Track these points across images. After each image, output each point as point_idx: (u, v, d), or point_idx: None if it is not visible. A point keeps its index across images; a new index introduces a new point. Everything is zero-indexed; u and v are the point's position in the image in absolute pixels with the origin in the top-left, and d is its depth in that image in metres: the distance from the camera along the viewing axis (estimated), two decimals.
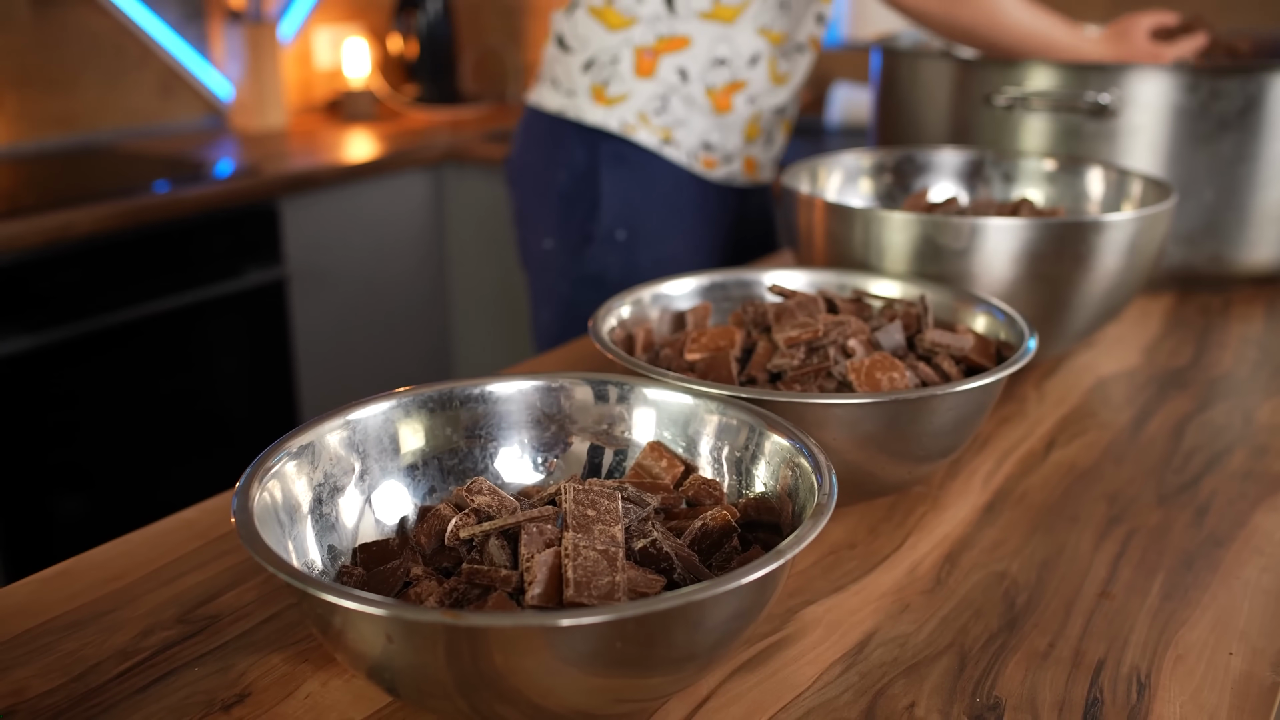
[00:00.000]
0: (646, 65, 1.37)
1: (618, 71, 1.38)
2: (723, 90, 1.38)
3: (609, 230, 1.42)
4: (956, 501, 0.80)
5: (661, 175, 1.42)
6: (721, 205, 1.48)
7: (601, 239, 1.42)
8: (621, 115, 1.39)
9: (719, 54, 1.37)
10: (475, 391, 0.68)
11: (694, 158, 1.42)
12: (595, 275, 1.43)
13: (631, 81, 1.38)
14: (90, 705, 0.57)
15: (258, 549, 0.51)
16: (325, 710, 0.57)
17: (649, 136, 1.40)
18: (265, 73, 2.60)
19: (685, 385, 0.68)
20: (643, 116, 1.39)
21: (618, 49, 1.38)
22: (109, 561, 0.70)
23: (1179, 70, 1.20)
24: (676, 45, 1.37)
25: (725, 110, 1.40)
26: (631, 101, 1.39)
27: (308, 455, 0.61)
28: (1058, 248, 0.93)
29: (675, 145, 1.41)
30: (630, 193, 1.42)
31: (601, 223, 1.42)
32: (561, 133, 1.43)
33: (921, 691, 0.59)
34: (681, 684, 0.53)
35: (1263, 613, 0.67)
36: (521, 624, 0.46)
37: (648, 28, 1.36)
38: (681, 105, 1.39)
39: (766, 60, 1.39)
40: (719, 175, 1.45)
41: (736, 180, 1.48)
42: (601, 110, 1.40)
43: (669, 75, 1.37)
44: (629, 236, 1.42)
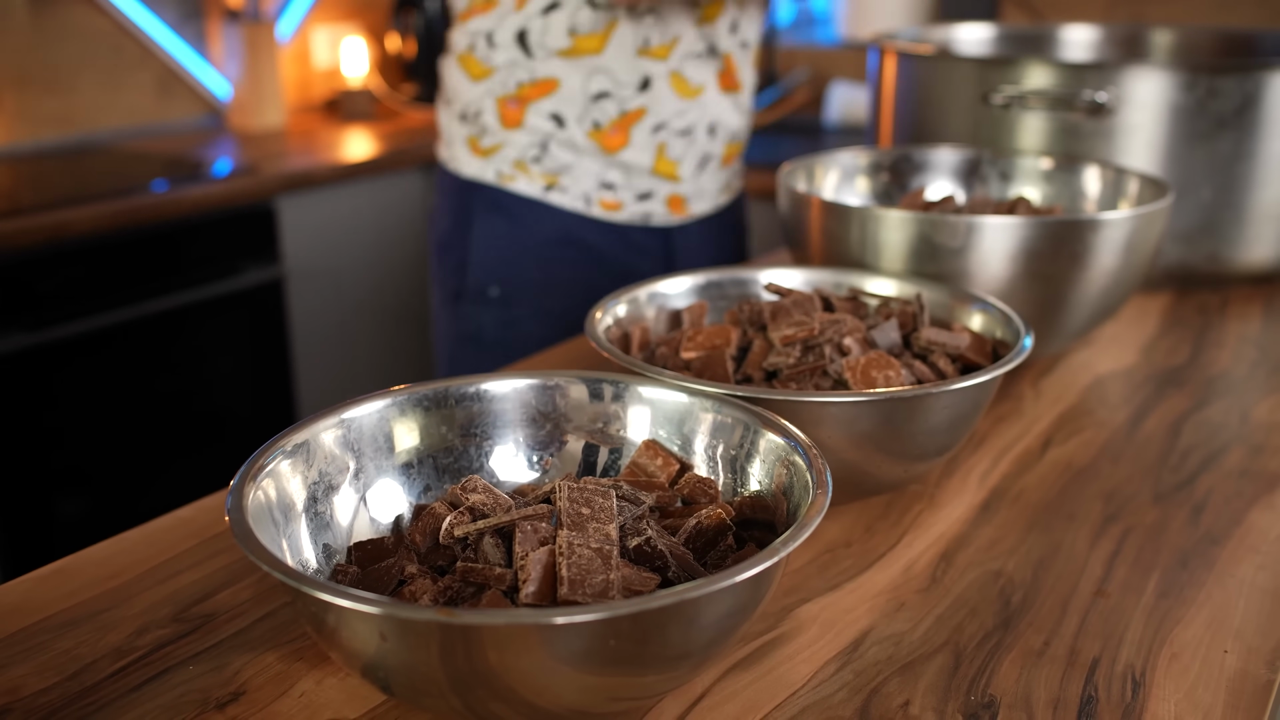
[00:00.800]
0: (512, 116, 1.26)
1: (485, 125, 1.28)
2: (613, 126, 1.26)
3: (480, 287, 1.31)
4: (952, 500, 0.80)
5: (545, 225, 1.29)
6: (635, 248, 1.33)
7: (473, 296, 1.31)
8: (497, 166, 1.29)
9: (595, 89, 1.25)
10: (470, 390, 0.68)
11: (588, 202, 1.30)
12: (471, 335, 1.33)
13: (501, 133, 1.28)
14: (85, 704, 0.57)
15: (251, 547, 0.51)
16: (320, 709, 0.57)
17: (529, 185, 1.28)
18: (263, 72, 2.60)
19: (680, 384, 0.68)
20: (520, 165, 1.28)
21: (480, 101, 1.28)
22: (105, 560, 0.70)
23: (1176, 69, 1.20)
24: (543, 90, 1.25)
25: (619, 148, 1.27)
26: (507, 151, 1.28)
27: (302, 453, 0.61)
28: (1054, 246, 0.93)
29: (562, 190, 1.29)
30: (504, 247, 1.30)
31: (470, 278, 1.31)
32: (447, 183, 1.35)
33: (916, 690, 0.59)
34: (676, 682, 0.53)
35: (1258, 611, 0.67)
36: (515, 622, 0.46)
37: (507, 75, 1.26)
38: (563, 151, 1.27)
39: (664, 77, 1.26)
40: (626, 217, 1.32)
41: (655, 219, 1.33)
42: (478, 162, 1.30)
43: (540, 123, 1.26)
44: (503, 293, 1.31)
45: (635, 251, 1.33)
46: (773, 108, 2.76)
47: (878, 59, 1.47)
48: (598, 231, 1.31)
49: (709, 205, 1.38)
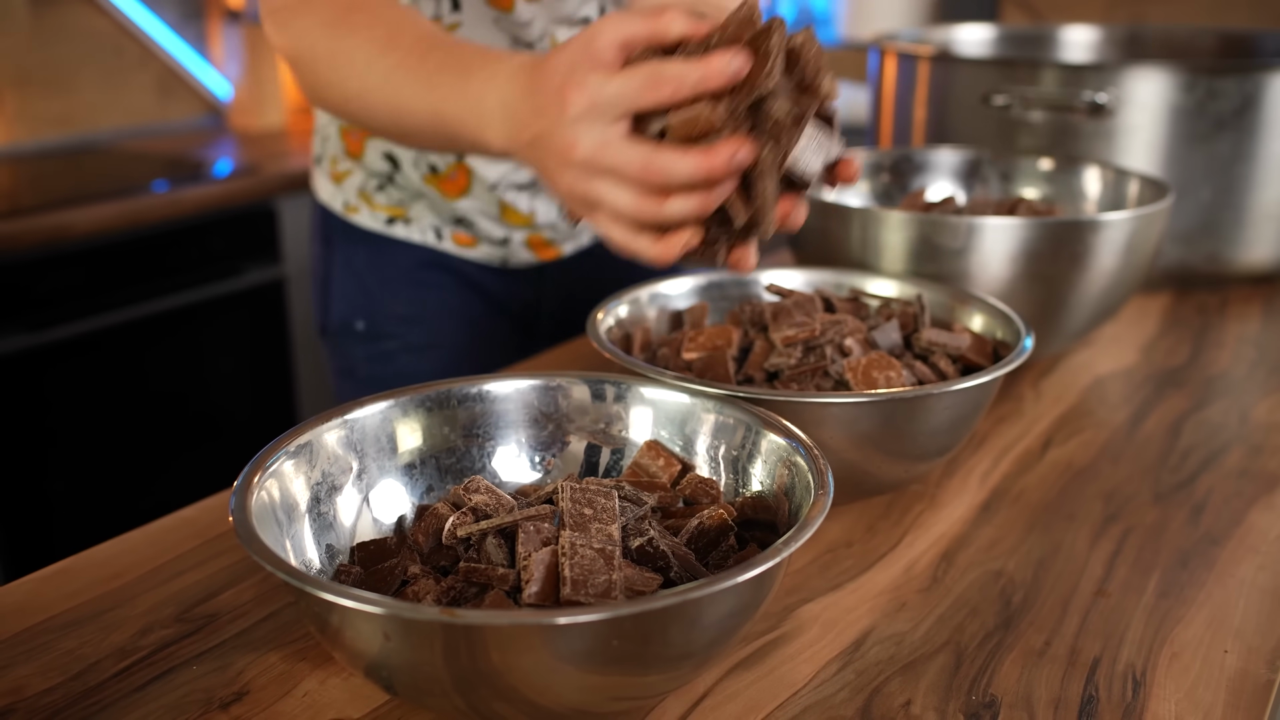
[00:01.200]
0: (354, 146, 1.14)
1: (334, 149, 1.17)
2: (451, 171, 1.11)
3: (346, 321, 1.20)
4: (953, 500, 0.80)
5: (400, 257, 1.17)
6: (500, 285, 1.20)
7: (339, 331, 1.21)
8: (345, 195, 1.17)
9: None
10: (473, 391, 0.68)
11: (440, 236, 1.16)
12: (346, 369, 1.22)
13: (348, 161, 1.16)
14: (88, 704, 0.57)
15: (255, 548, 0.51)
16: (323, 708, 0.57)
17: (370, 219, 1.16)
18: (264, 72, 2.60)
19: (682, 384, 0.68)
20: (364, 196, 1.16)
21: (327, 127, 1.17)
22: (108, 560, 0.70)
23: (1176, 69, 1.20)
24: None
25: (459, 195, 1.12)
26: (353, 180, 1.16)
27: (305, 454, 0.61)
28: (1054, 247, 0.93)
29: (407, 223, 1.16)
30: (364, 277, 1.18)
31: (333, 313, 1.21)
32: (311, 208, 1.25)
33: (918, 689, 0.60)
34: (678, 682, 0.54)
35: (1258, 610, 0.67)
36: (518, 622, 0.46)
37: None
38: (406, 185, 1.14)
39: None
40: (482, 256, 1.17)
41: (517, 260, 1.19)
42: (330, 188, 1.18)
43: (378, 163, 1.13)
44: (369, 326, 1.19)
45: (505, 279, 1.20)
46: None
47: (878, 60, 1.47)
48: (456, 265, 1.18)
49: (590, 238, 1.22)
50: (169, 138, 2.54)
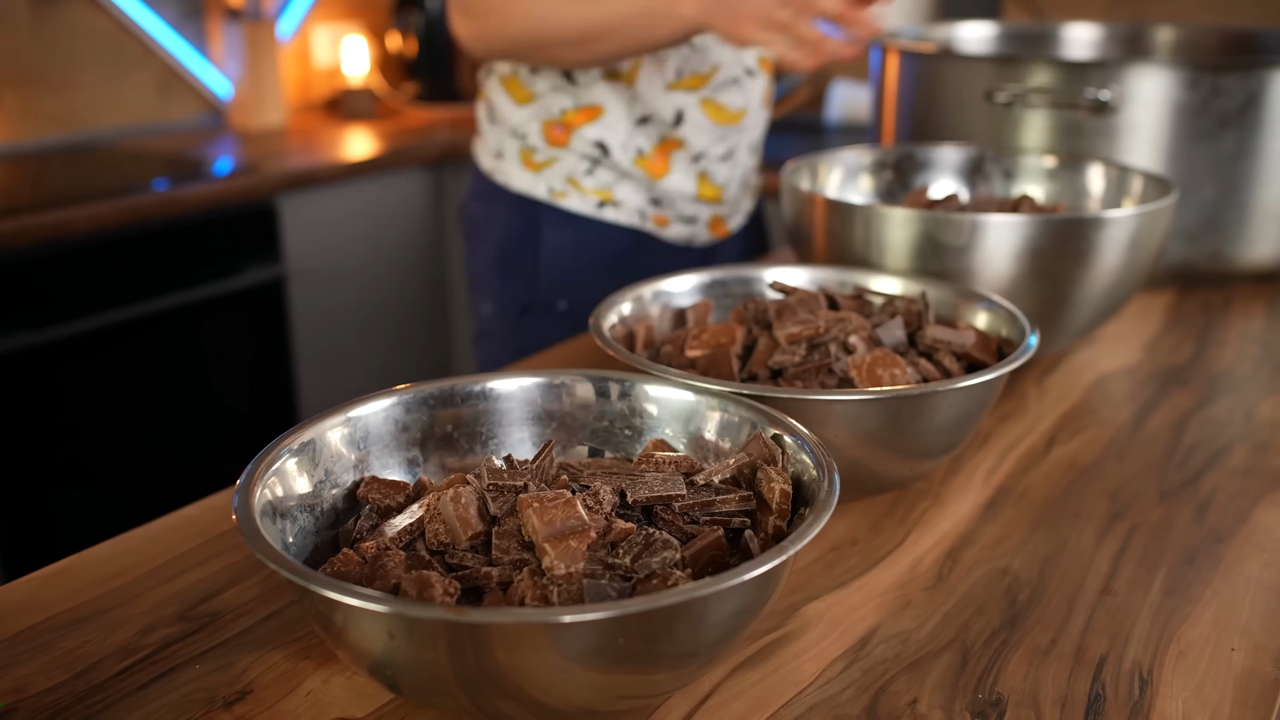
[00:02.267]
0: (558, 139, 1.26)
1: (532, 143, 1.28)
2: (655, 152, 1.26)
3: (549, 300, 1.31)
4: (958, 498, 0.80)
5: (605, 238, 1.30)
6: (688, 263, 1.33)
7: (540, 309, 1.31)
8: (549, 182, 1.28)
9: (638, 113, 1.25)
10: (476, 389, 0.68)
11: (643, 217, 1.30)
12: (535, 349, 1.29)
13: (550, 151, 1.27)
14: (91, 702, 0.56)
15: (259, 545, 0.51)
16: (326, 707, 0.57)
17: (582, 202, 1.28)
18: (264, 71, 2.59)
19: (686, 382, 0.68)
20: (572, 181, 1.28)
21: (526, 125, 1.28)
22: (110, 559, 0.70)
23: (1180, 67, 1.20)
24: (588, 116, 1.25)
25: (662, 174, 1.27)
26: (559, 166, 1.27)
27: (308, 452, 0.61)
28: (1058, 244, 0.93)
29: (616, 206, 1.29)
30: (571, 259, 1.30)
31: (539, 293, 1.30)
32: (497, 193, 1.32)
33: (924, 688, 0.59)
34: (684, 680, 0.53)
35: (1264, 608, 0.67)
36: (524, 620, 0.46)
37: (551, 101, 1.26)
38: (610, 174, 1.27)
39: (696, 109, 1.26)
40: (675, 235, 1.33)
41: (699, 240, 1.35)
42: (529, 176, 1.29)
43: (586, 149, 1.26)
44: (571, 306, 1.30)
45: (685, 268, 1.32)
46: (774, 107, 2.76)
47: (880, 58, 1.47)
48: (652, 246, 1.32)
49: (742, 219, 1.41)
50: (169, 136, 2.53)
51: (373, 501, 0.62)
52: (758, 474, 0.61)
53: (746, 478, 0.62)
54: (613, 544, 0.55)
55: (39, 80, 2.35)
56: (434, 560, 0.56)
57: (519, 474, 0.59)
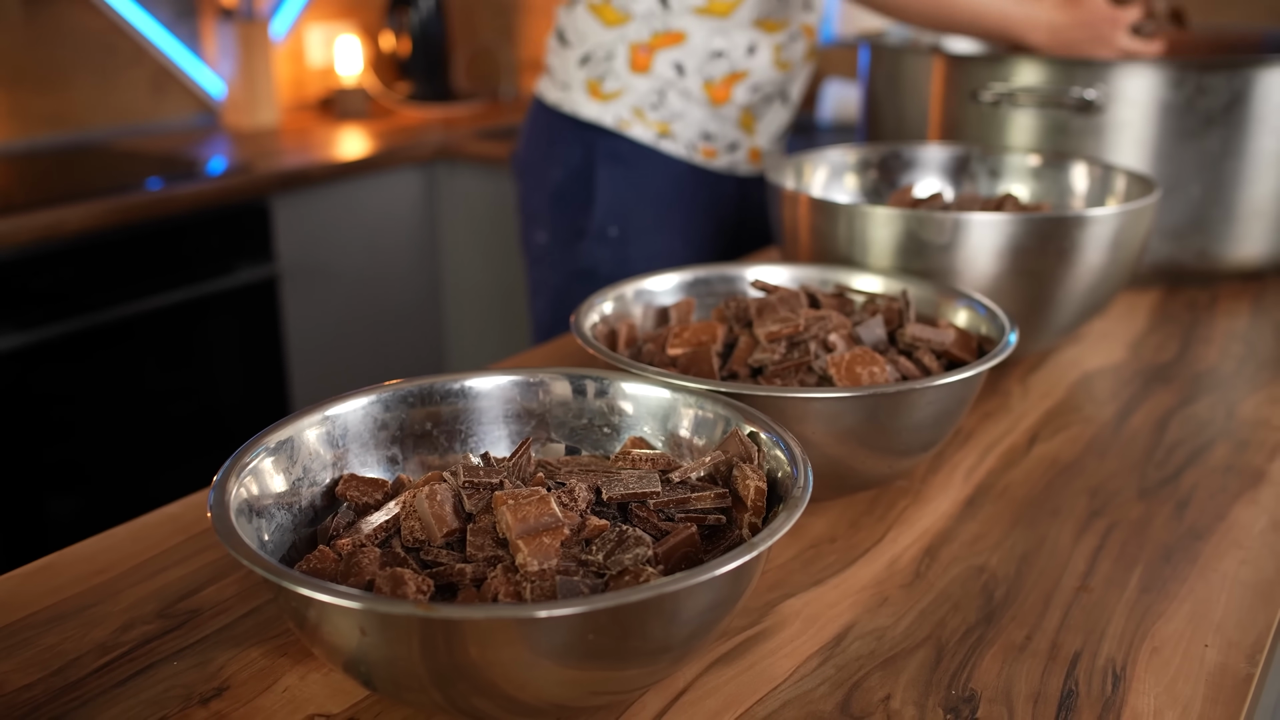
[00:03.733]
0: (642, 61, 1.39)
1: (613, 68, 1.40)
2: (721, 82, 1.41)
3: (602, 227, 1.44)
4: (938, 495, 0.80)
5: (658, 170, 1.44)
6: (722, 195, 1.49)
7: (594, 235, 1.44)
8: (617, 111, 1.41)
9: (715, 47, 1.39)
10: (455, 387, 0.68)
11: (693, 149, 1.44)
12: (587, 270, 1.45)
13: (627, 77, 1.40)
14: (68, 699, 0.57)
15: (233, 543, 0.51)
16: (303, 703, 0.57)
17: (644, 131, 1.42)
18: (257, 70, 2.60)
19: (664, 379, 0.68)
20: (638, 111, 1.41)
21: (613, 45, 1.40)
22: (92, 556, 0.70)
23: (1165, 66, 1.20)
24: (672, 40, 1.39)
25: (722, 101, 1.42)
26: (627, 97, 1.41)
27: (286, 450, 0.61)
28: (1041, 243, 0.93)
29: (673, 139, 1.43)
30: (624, 190, 1.44)
31: (595, 219, 1.44)
32: (559, 127, 1.45)
33: (898, 684, 0.60)
34: (657, 676, 0.54)
35: (1239, 605, 0.67)
36: (494, 616, 0.46)
37: (643, 24, 1.38)
38: (678, 99, 1.41)
39: (767, 48, 1.41)
40: (721, 164, 1.47)
41: (740, 169, 1.50)
42: (597, 105, 1.42)
43: (665, 70, 1.39)
44: (621, 233, 1.44)
45: (719, 200, 1.50)
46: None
47: (868, 56, 1.47)
48: (698, 178, 1.46)
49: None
50: (162, 136, 2.53)
51: (351, 499, 0.62)
52: (733, 471, 0.61)
53: (722, 475, 0.62)
54: (586, 541, 0.55)
55: (32, 80, 2.35)
56: (409, 557, 0.56)
57: (495, 471, 0.59)
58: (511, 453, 0.63)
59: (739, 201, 1.53)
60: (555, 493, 0.57)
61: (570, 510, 0.56)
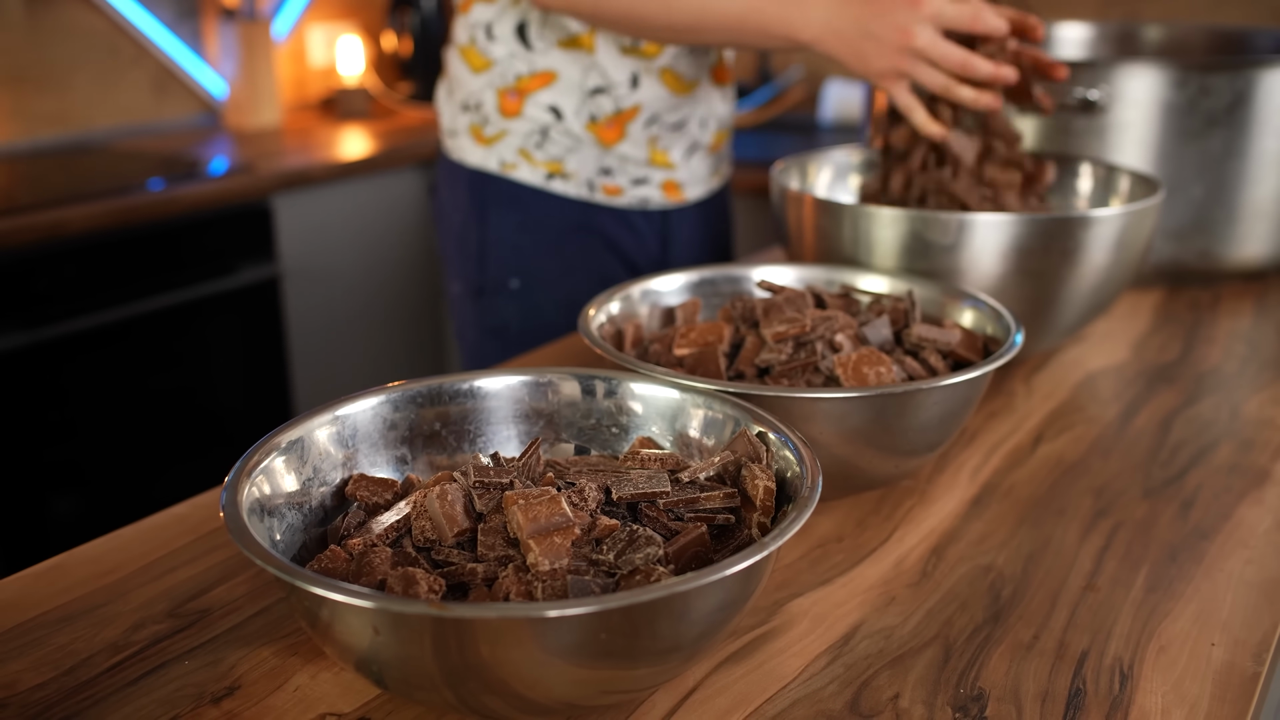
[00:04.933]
0: (511, 106, 1.26)
1: (485, 115, 1.28)
2: (608, 121, 1.26)
3: (501, 280, 1.32)
4: (944, 495, 0.81)
5: (553, 213, 1.30)
6: (635, 233, 1.34)
7: (494, 290, 1.32)
8: (500, 154, 1.29)
9: (591, 84, 1.24)
10: (464, 387, 0.69)
11: (592, 188, 1.30)
12: (497, 327, 1.33)
13: (501, 123, 1.28)
14: (81, 698, 0.57)
15: (246, 543, 0.51)
16: (314, 702, 0.57)
17: (532, 173, 1.28)
18: (259, 71, 2.60)
19: (672, 380, 0.69)
20: (523, 153, 1.28)
21: (481, 92, 1.28)
22: (101, 556, 0.70)
23: (1168, 66, 1.20)
24: (541, 81, 1.25)
25: (615, 141, 1.27)
26: (510, 139, 1.28)
27: (296, 450, 0.61)
28: (1045, 243, 0.94)
29: (565, 178, 1.29)
30: (519, 237, 1.30)
31: (492, 272, 1.32)
32: (453, 174, 1.34)
33: (906, 683, 0.60)
34: (667, 675, 0.54)
35: (1245, 604, 0.67)
36: (507, 615, 0.46)
37: (505, 68, 1.25)
38: (564, 138, 1.27)
39: (652, 75, 1.25)
40: (628, 201, 1.32)
41: (654, 203, 1.33)
42: (481, 150, 1.30)
43: (539, 114, 1.26)
44: (523, 284, 1.31)
45: (637, 235, 1.35)
46: (767, 106, 2.76)
47: None
48: (603, 216, 1.32)
49: (702, 190, 1.38)
50: (164, 136, 2.53)
51: (361, 499, 0.62)
52: (742, 471, 0.62)
53: (731, 475, 0.62)
54: (597, 540, 0.56)
55: (34, 80, 2.35)
56: (420, 557, 0.56)
57: (505, 471, 0.59)
58: (521, 453, 0.64)
59: (662, 237, 1.36)
60: (565, 492, 0.57)
61: (581, 510, 0.57)
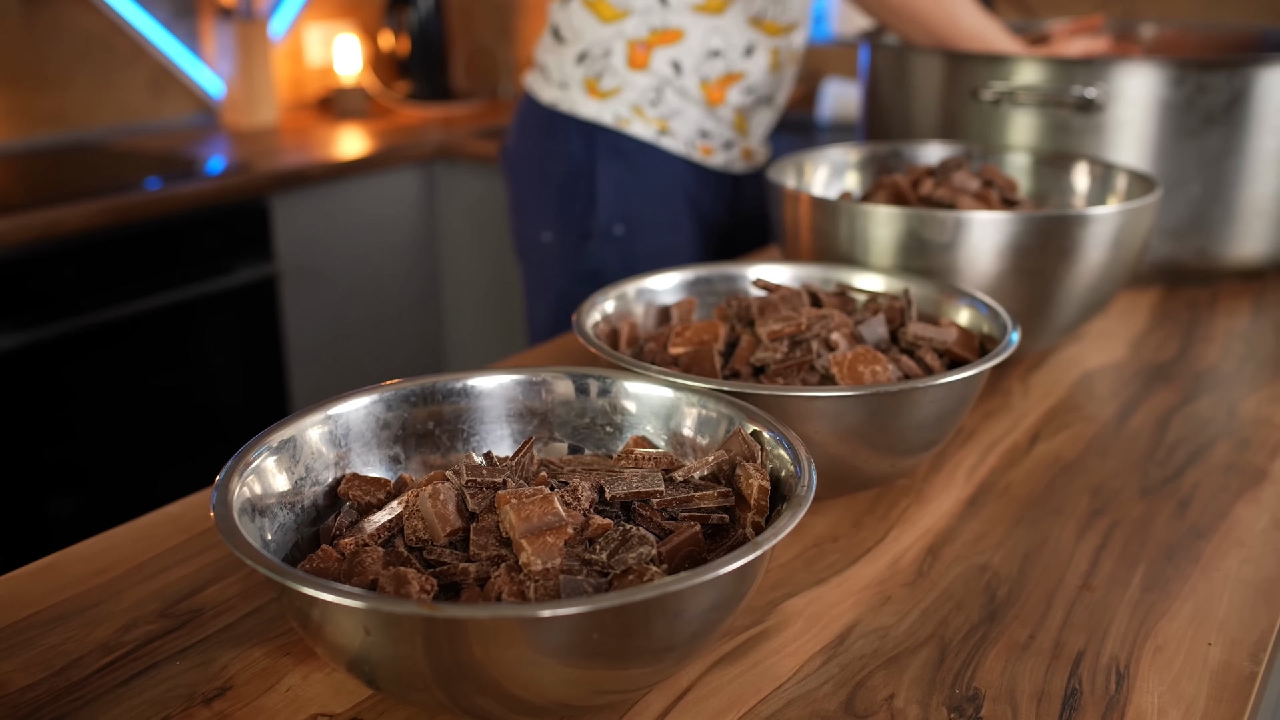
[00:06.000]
0: (639, 58, 1.38)
1: (610, 65, 1.39)
2: (717, 82, 1.40)
3: (607, 226, 1.43)
4: (940, 494, 0.80)
5: (659, 167, 1.43)
6: (719, 193, 1.49)
7: (600, 235, 1.43)
8: (615, 109, 1.40)
9: (712, 46, 1.38)
10: (457, 386, 0.68)
11: (692, 146, 1.43)
12: (594, 271, 1.43)
13: (625, 74, 1.39)
14: (71, 699, 0.57)
15: (236, 543, 0.51)
16: (306, 703, 0.57)
17: (645, 129, 1.41)
18: (256, 70, 2.59)
19: (667, 379, 0.68)
20: (637, 109, 1.40)
21: (610, 41, 1.38)
22: (94, 555, 0.70)
23: (1166, 65, 1.20)
24: (670, 38, 1.37)
25: (718, 102, 1.41)
26: (625, 94, 1.39)
27: (288, 449, 0.61)
28: (1042, 241, 0.93)
29: (672, 135, 1.42)
30: (627, 187, 1.42)
31: (599, 218, 1.42)
32: (557, 125, 1.43)
33: (901, 683, 0.60)
34: (661, 675, 0.54)
35: (1242, 604, 0.67)
36: (499, 615, 0.46)
37: (640, 20, 1.37)
38: (675, 97, 1.40)
39: (764, 50, 1.40)
40: (717, 162, 1.46)
41: (735, 167, 1.49)
42: (595, 104, 1.40)
43: (662, 68, 1.38)
44: (627, 231, 1.43)
45: (716, 197, 1.49)
46: None
47: (869, 55, 1.47)
48: (698, 175, 1.45)
49: (761, 160, 1.54)
50: (161, 135, 2.53)
51: (353, 498, 0.62)
52: (736, 470, 0.61)
53: (725, 474, 0.62)
54: (590, 540, 0.55)
55: (30, 79, 2.35)
56: (412, 557, 0.56)
57: (498, 471, 0.59)
58: (514, 452, 0.63)
59: (734, 200, 1.52)
60: (558, 492, 0.57)
61: (573, 509, 0.56)
